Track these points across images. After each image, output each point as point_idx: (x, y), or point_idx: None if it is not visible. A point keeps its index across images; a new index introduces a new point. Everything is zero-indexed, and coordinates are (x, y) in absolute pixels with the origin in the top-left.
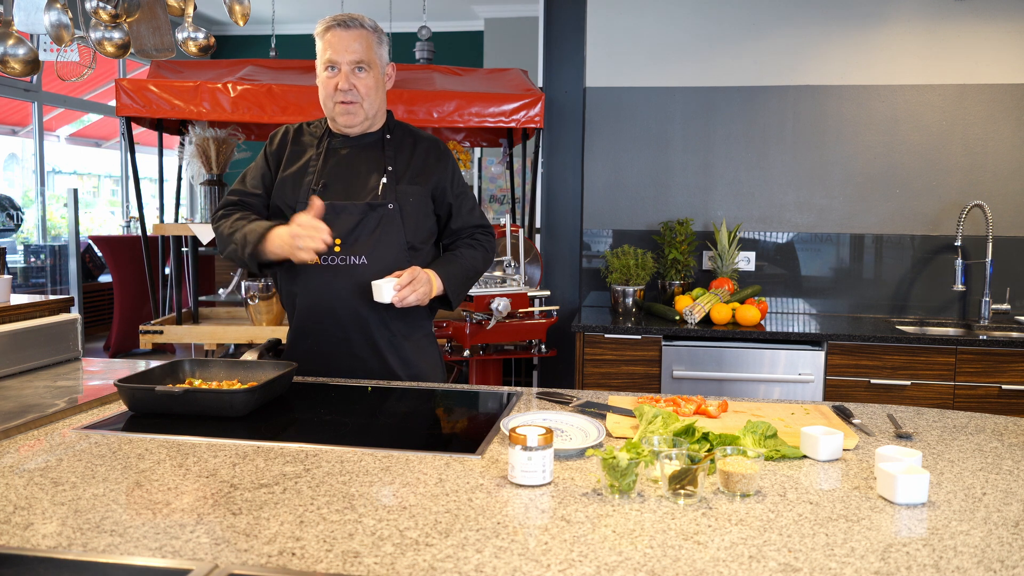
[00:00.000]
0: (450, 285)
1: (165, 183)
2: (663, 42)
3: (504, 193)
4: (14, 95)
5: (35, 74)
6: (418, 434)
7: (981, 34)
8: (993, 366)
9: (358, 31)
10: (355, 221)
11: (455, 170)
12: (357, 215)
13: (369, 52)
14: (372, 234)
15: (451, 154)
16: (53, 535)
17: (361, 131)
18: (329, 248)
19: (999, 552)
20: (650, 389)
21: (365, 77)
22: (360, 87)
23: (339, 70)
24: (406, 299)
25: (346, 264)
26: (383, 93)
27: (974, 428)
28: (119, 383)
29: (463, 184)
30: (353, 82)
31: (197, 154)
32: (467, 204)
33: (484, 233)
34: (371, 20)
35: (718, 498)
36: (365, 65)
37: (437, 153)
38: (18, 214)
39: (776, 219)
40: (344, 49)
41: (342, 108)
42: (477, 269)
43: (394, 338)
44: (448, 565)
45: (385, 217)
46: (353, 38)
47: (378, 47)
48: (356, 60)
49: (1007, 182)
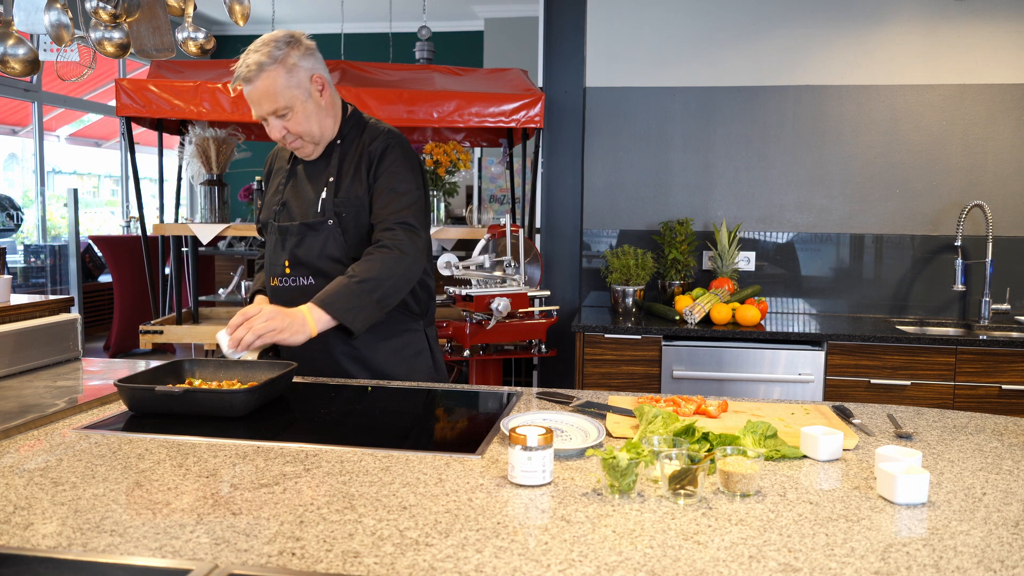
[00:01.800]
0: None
1: (165, 183)
2: (663, 42)
3: (504, 193)
4: (14, 95)
5: (35, 74)
6: (418, 434)
7: (981, 34)
8: (993, 366)
9: (261, 80)
10: (297, 241)
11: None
12: (298, 235)
13: (282, 95)
14: (314, 252)
15: (394, 146)
16: (53, 535)
17: (319, 154)
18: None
19: (999, 552)
20: (650, 389)
21: (292, 117)
22: (292, 128)
23: (267, 121)
24: (244, 341)
25: (297, 285)
26: (322, 111)
27: (974, 428)
28: (119, 383)
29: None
30: (285, 126)
31: (197, 154)
32: (383, 199)
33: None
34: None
35: (718, 498)
36: (284, 109)
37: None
38: (18, 214)
39: (776, 219)
40: (256, 104)
41: (291, 147)
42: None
43: (356, 351)
44: (448, 565)
45: (324, 234)
46: (260, 91)
47: (289, 78)
48: (272, 111)
49: (1007, 182)
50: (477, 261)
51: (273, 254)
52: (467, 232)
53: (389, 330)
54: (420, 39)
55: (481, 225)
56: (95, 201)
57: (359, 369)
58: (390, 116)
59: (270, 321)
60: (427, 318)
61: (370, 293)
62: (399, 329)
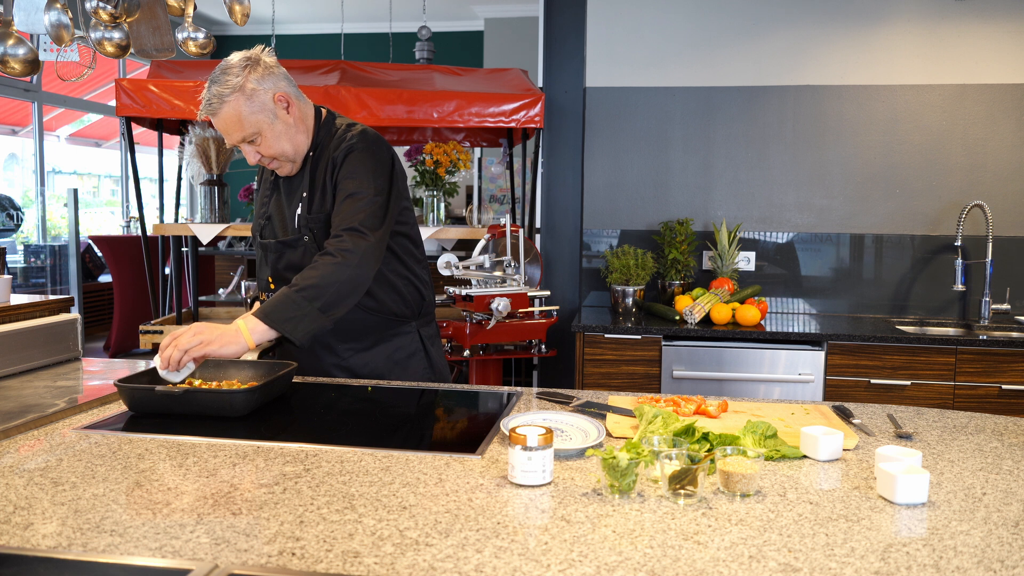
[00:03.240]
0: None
1: (165, 183)
2: (663, 42)
3: (504, 193)
4: (14, 95)
5: (35, 74)
6: (418, 434)
7: (981, 34)
8: (993, 366)
9: (224, 110)
10: (276, 257)
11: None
12: (276, 252)
13: (247, 120)
14: (293, 268)
15: (358, 150)
16: (53, 535)
17: (298, 169)
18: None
19: (999, 552)
20: (650, 389)
21: (261, 141)
22: (264, 152)
23: (242, 148)
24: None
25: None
26: (291, 128)
27: (974, 428)
28: (119, 383)
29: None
30: (257, 150)
31: (197, 154)
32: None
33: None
34: (231, 73)
35: (718, 498)
36: (252, 135)
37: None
38: (18, 214)
39: (776, 219)
40: (227, 134)
41: (272, 168)
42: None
43: (344, 361)
44: (448, 565)
45: (301, 250)
46: (225, 121)
47: (250, 104)
48: (241, 139)
49: (1007, 182)
50: (477, 261)
51: (259, 269)
52: (467, 232)
53: (376, 337)
54: (420, 39)
55: (481, 225)
56: (95, 201)
57: (348, 377)
58: (390, 116)
59: (197, 335)
60: (422, 318)
61: (311, 301)
62: (388, 334)
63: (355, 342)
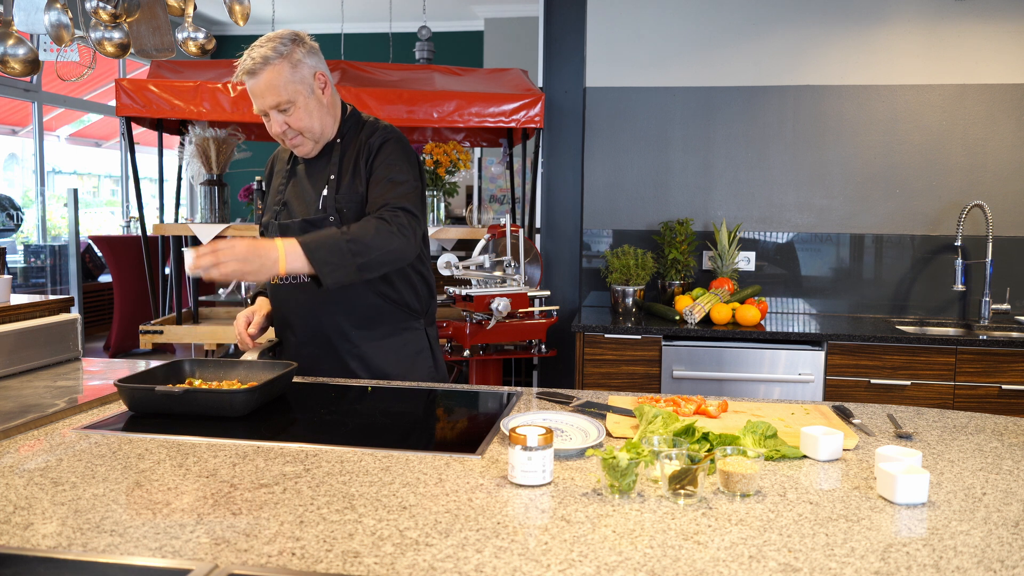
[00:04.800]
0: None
1: (165, 183)
2: (663, 42)
3: (504, 193)
4: (14, 95)
5: (35, 74)
6: (418, 434)
7: (981, 34)
8: (993, 366)
9: (266, 73)
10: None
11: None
12: (299, 232)
13: (285, 89)
14: None
15: (390, 140)
16: (53, 535)
17: (317, 152)
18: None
19: (999, 552)
20: (650, 389)
21: (294, 112)
22: (293, 123)
23: (269, 116)
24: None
25: (298, 282)
26: (323, 108)
27: (974, 428)
28: (119, 383)
29: (387, 169)
30: (286, 122)
31: (197, 154)
32: (380, 187)
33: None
34: (279, 41)
35: (718, 498)
36: (286, 103)
37: (372, 146)
38: (18, 214)
39: (776, 219)
40: (260, 97)
41: (290, 144)
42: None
43: (356, 348)
44: (448, 565)
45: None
46: (264, 84)
47: (293, 73)
48: (275, 104)
49: (1007, 182)
50: (477, 261)
51: None
52: (467, 232)
53: (390, 328)
54: (420, 39)
55: (481, 225)
56: (95, 201)
57: (359, 366)
58: (390, 116)
59: (242, 264)
60: (428, 317)
61: (355, 255)
62: (399, 328)
63: (368, 330)
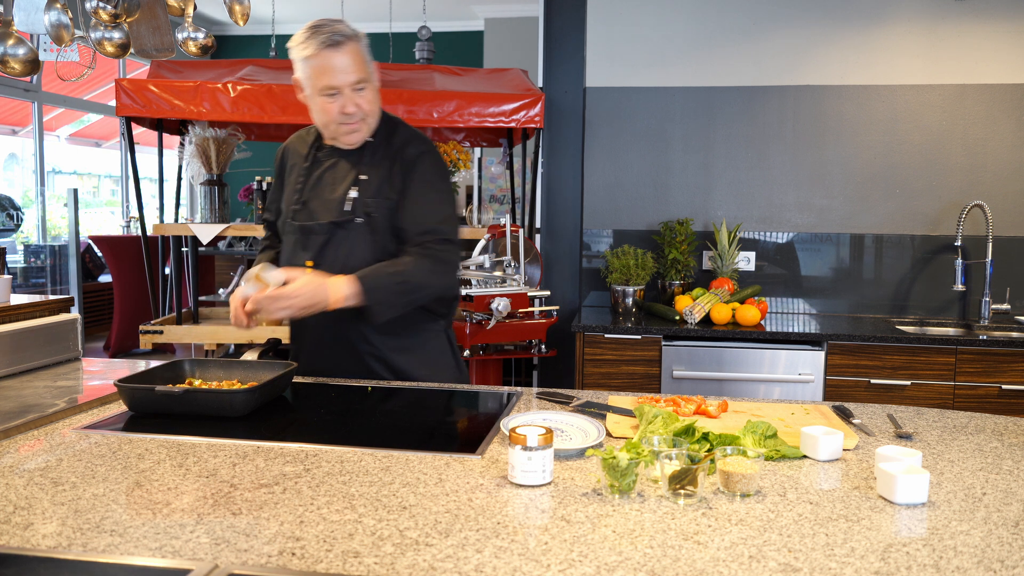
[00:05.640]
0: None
1: (165, 183)
2: (663, 42)
3: (504, 193)
4: (14, 95)
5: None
6: (418, 434)
7: (981, 34)
8: (993, 366)
9: (348, 47)
10: (323, 240)
11: (425, 172)
12: (324, 234)
13: (365, 67)
14: (341, 252)
15: (428, 153)
16: (53, 535)
17: (362, 142)
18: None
19: (999, 552)
20: (650, 389)
21: (366, 92)
22: (363, 105)
23: (340, 94)
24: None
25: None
26: (379, 98)
27: (974, 428)
28: (119, 383)
29: (426, 188)
30: (357, 102)
31: (197, 154)
32: (420, 208)
33: (432, 240)
34: (344, 24)
35: (718, 498)
36: (363, 82)
37: (408, 156)
38: (18, 214)
39: (776, 219)
40: (341, 71)
41: (348, 129)
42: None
43: (379, 351)
44: (448, 565)
45: (353, 233)
46: (348, 57)
47: (366, 53)
48: (356, 81)
49: (1007, 182)
50: (477, 261)
51: (292, 254)
52: (467, 232)
53: (412, 331)
54: (420, 39)
55: (481, 225)
56: (95, 201)
57: (383, 369)
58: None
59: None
60: (447, 319)
61: (406, 295)
62: (421, 329)
63: (389, 334)
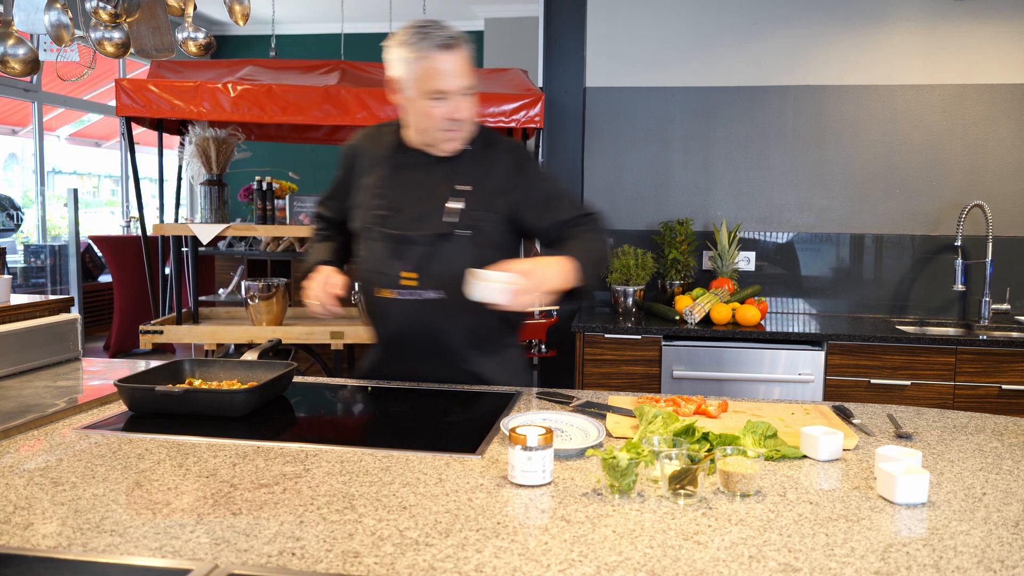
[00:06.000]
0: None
1: (165, 183)
2: (663, 42)
3: None
4: (14, 95)
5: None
6: (418, 434)
7: (981, 34)
8: (993, 366)
9: (461, 50)
10: (424, 252)
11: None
12: (428, 246)
13: (472, 72)
14: (446, 265)
15: (530, 159)
16: (53, 535)
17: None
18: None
19: (999, 552)
20: (650, 389)
21: (471, 99)
22: (469, 112)
23: (447, 99)
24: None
25: (422, 299)
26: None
27: (974, 428)
28: (119, 383)
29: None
30: (464, 108)
31: (197, 154)
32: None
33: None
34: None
35: (718, 498)
36: (472, 88)
37: (514, 165)
38: (18, 214)
39: (776, 219)
40: (453, 75)
41: (450, 136)
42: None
43: (473, 366)
44: (448, 565)
45: (459, 245)
46: (460, 61)
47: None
48: (466, 87)
49: (1007, 182)
50: None
51: (383, 263)
52: None
53: (498, 345)
54: None
55: None
56: (95, 201)
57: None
58: (390, 116)
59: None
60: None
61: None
62: (504, 344)
63: (480, 349)
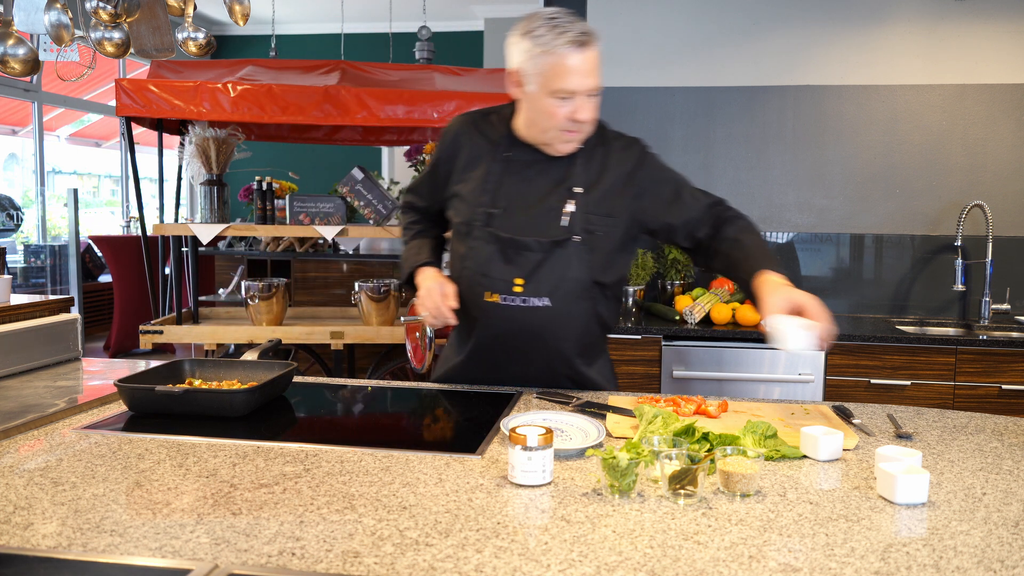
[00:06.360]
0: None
1: (165, 183)
2: (663, 42)
3: None
4: (14, 95)
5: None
6: (418, 434)
7: (981, 34)
8: (993, 366)
9: (594, 49)
10: (538, 259)
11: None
12: (541, 253)
13: (601, 72)
14: (555, 272)
15: (648, 153)
16: (53, 535)
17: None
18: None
19: (999, 552)
20: (650, 389)
21: (596, 100)
22: (592, 114)
23: (572, 99)
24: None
25: (529, 306)
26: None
27: (974, 428)
28: (119, 383)
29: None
30: (589, 109)
31: (197, 154)
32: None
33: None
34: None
35: (718, 498)
36: (599, 89)
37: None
38: (18, 214)
39: (776, 219)
40: (583, 75)
41: (569, 137)
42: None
43: (573, 373)
44: (448, 565)
45: (570, 252)
46: (592, 61)
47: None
48: (595, 87)
49: (1007, 182)
50: None
51: (493, 266)
52: None
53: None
54: (420, 39)
55: None
56: (95, 201)
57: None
58: (390, 116)
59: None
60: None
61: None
62: (601, 351)
63: (584, 356)
